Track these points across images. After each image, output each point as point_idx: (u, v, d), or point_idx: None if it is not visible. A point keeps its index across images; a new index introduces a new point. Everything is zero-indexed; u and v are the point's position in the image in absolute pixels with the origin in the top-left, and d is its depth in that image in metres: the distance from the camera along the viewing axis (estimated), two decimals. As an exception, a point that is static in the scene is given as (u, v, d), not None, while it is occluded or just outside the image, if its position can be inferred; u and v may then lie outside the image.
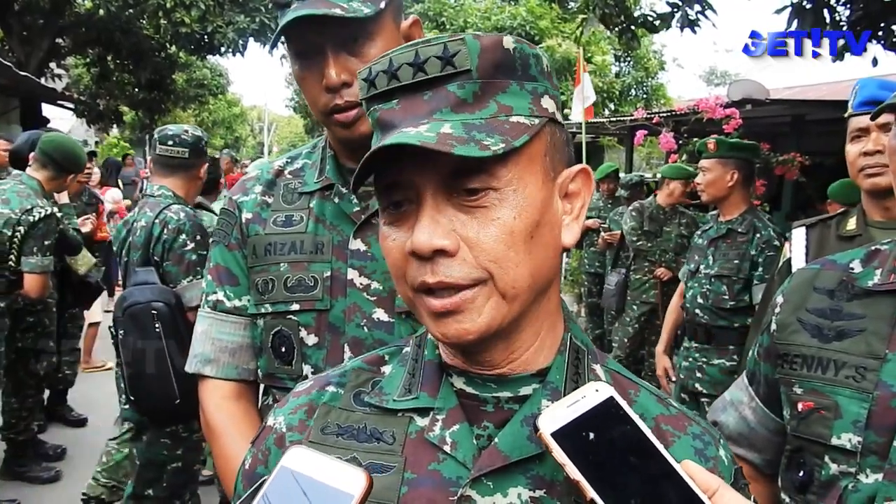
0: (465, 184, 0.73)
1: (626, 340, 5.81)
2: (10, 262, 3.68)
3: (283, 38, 1.34)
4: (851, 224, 2.19)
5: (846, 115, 2.15)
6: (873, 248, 1.25)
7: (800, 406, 1.20)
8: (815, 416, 1.17)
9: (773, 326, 1.29)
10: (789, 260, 2.32)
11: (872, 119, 1.24)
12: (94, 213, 5.40)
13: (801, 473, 1.20)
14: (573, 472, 0.65)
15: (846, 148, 2.14)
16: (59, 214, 3.92)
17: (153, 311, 2.74)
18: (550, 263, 0.79)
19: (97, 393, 5.66)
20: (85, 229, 4.95)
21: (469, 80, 0.74)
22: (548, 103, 0.80)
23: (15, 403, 4.43)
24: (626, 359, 5.76)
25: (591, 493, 0.64)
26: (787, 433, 1.25)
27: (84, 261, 4.69)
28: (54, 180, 3.98)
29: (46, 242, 3.75)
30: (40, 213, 3.71)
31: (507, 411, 0.81)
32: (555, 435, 0.67)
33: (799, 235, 2.32)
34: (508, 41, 0.77)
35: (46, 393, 5.05)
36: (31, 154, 4.05)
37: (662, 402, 0.86)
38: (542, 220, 0.77)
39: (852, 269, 1.23)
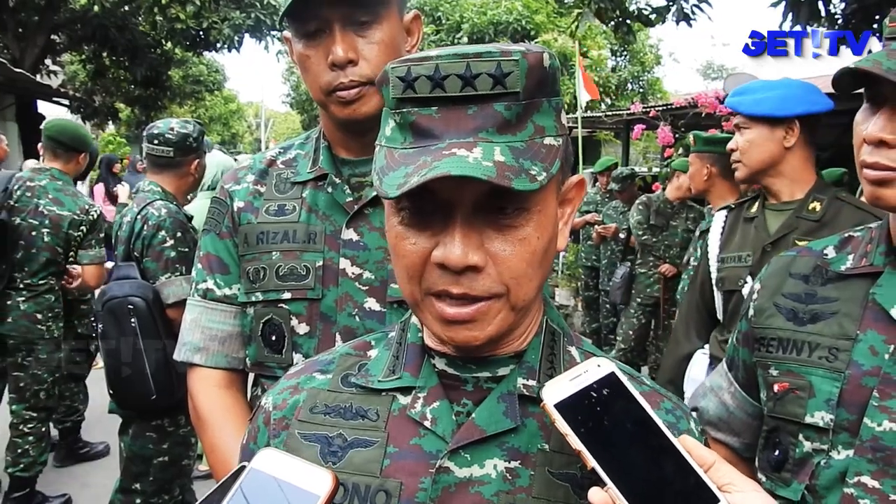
0: (499, 203, 0.75)
1: (630, 333, 5.81)
2: (71, 257, 3.98)
3: (284, 25, 1.35)
4: (755, 207, 2.42)
5: None
6: (847, 234, 1.29)
7: (776, 387, 1.24)
8: (790, 396, 1.21)
9: (751, 312, 1.34)
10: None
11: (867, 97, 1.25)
12: None
13: (776, 452, 1.24)
14: (575, 442, 0.68)
15: None
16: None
17: (129, 307, 2.76)
18: (549, 271, 0.85)
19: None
20: None
21: (516, 102, 0.75)
22: (563, 117, 0.82)
23: (75, 388, 4.70)
24: (630, 352, 5.77)
25: (592, 462, 0.67)
26: (764, 415, 1.29)
27: None
28: (69, 163, 4.05)
29: (101, 235, 4.04)
30: (97, 211, 4.01)
31: (486, 390, 0.85)
32: (557, 406, 0.69)
33: (719, 218, 2.58)
34: (547, 59, 0.77)
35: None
36: (39, 145, 4.18)
37: (635, 380, 0.90)
38: (553, 234, 0.82)
39: (826, 254, 1.28)
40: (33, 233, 3.83)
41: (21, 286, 3.87)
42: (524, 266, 0.77)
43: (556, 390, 0.70)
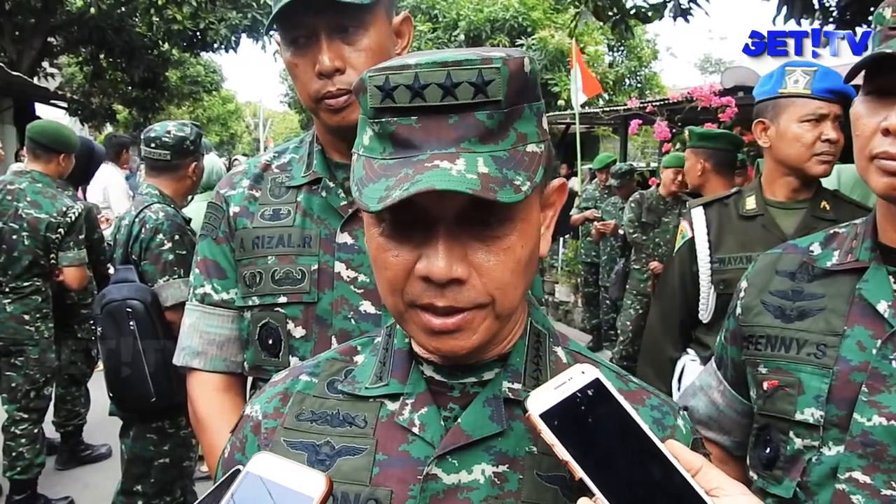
0: (482, 215, 0.74)
1: (628, 324, 5.88)
2: (53, 260, 3.95)
3: (275, 28, 1.35)
4: (751, 203, 2.27)
5: (789, 93, 2.14)
6: (832, 231, 1.30)
7: (765, 385, 1.25)
8: (780, 394, 1.22)
9: (738, 310, 1.34)
10: (691, 239, 2.37)
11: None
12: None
13: (767, 450, 1.25)
14: (562, 452, 0.67)
15: (793, 128, 2.13)
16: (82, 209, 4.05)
17: (128, 309, 2.77)
18: (533, 277, 0.83)
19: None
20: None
21: (497, 110, 0.73)
22: (545, 122, 0.81)
23: (76, 392, 4.69)
24: (630, 343, 5.81)
25: (580, 472, 0.66)
26: (754, 412, 1.30)
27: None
28: (50, 164, 4.03)
29: (81, 237, 3.98)
30: (75, 213, 3.94)
31: (472, 395, 0.85)
32: (543, 416, 0.68)
33: (699, 214, 2.38)
34: (528, 63, 0.76)
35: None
36: (25, 147, 4.18)
37: (622, 379, 0.90)
38: (537, 241, 0.81)
39: (812, 251, 1.29)
40: (14, 236, 3.84)
41: (6, 289, 3.89)
42: (509, 275, 0.76)
43: (541, 399, 0.69)
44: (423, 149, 0.73)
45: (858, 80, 1.19)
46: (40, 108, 13.51)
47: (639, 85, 16.79)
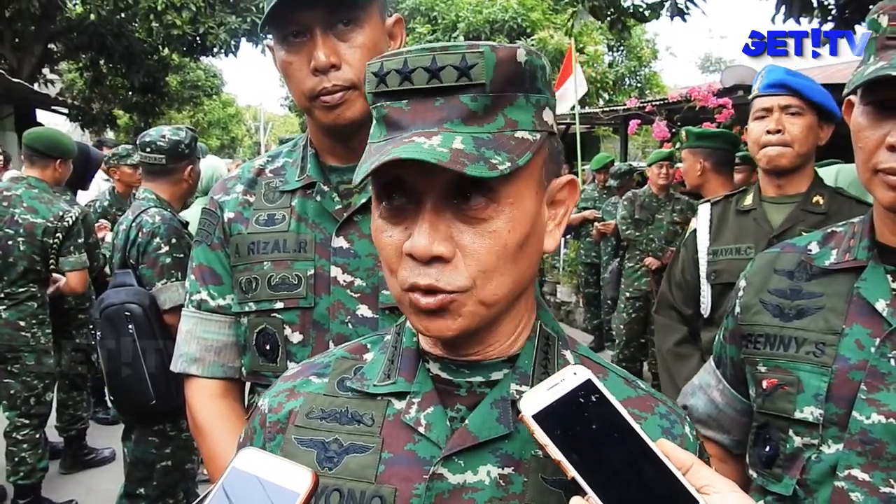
0: (466, 194, 0.76)
1: (622, 327, 5.88)
2: (51, 265, 3.94)
3: (268, 29, 1.35)
4: (748, 200, 2.37)
5: (751, 97, 2.32)
6: (829, 230, 1.30)
7: (764, 384, 1.26)
8: (779, 392, 1.22)
9: (737, 309, 1.35)
10: (695, 232, 2.49)
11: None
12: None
13: (767, 448, 1.26)
14: (554, 452, 0.68)
15: (749, 126, 2.30)
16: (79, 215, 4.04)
17: (126, 313, 2.79)
18: (532, 270, 0.84)
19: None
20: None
21: (482, 94, 0.75)
22: (548, 115, 0.82)
23: (77, 397, 4.71)
24: (626, 346, 5.81)
25: (573, 472, 0.67)
26: (753, 411, 1.30)
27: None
28: (46, 170, 4.03)
29: (80, 241, 3.97)
30: (72, 217, 3.92)
31: (479, 395, 0.85)
32: (536, 417, 0.69)
33: (704, 210, 2.50)
34: (521, 55, 0.78)
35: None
36: (22, 154, 4.17)
37: (630, 385, 0.90)
38: (531, 231, 0.80)
39: (810, 250, 1.29)
40: (9, 242, 3.83)
41: (1, 295, 3.89)
42: (493, 259, 0.77)
43: (535, 400, 0.70)
44: (408, 129, 0.76)
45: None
46: (41, 115, 13.53)
47: (639, 85, 16.80)
